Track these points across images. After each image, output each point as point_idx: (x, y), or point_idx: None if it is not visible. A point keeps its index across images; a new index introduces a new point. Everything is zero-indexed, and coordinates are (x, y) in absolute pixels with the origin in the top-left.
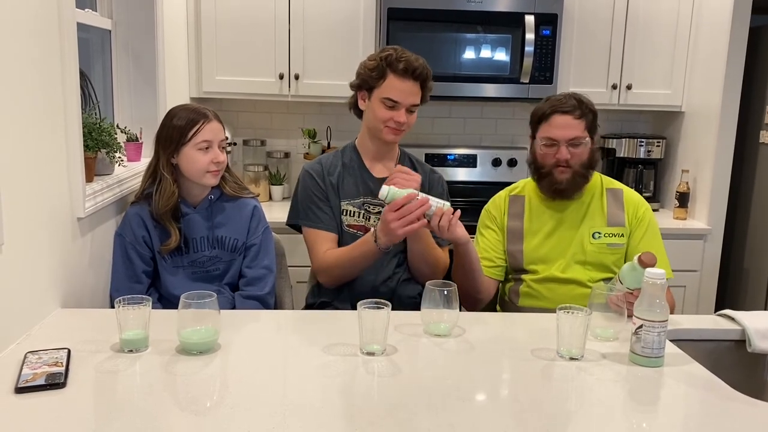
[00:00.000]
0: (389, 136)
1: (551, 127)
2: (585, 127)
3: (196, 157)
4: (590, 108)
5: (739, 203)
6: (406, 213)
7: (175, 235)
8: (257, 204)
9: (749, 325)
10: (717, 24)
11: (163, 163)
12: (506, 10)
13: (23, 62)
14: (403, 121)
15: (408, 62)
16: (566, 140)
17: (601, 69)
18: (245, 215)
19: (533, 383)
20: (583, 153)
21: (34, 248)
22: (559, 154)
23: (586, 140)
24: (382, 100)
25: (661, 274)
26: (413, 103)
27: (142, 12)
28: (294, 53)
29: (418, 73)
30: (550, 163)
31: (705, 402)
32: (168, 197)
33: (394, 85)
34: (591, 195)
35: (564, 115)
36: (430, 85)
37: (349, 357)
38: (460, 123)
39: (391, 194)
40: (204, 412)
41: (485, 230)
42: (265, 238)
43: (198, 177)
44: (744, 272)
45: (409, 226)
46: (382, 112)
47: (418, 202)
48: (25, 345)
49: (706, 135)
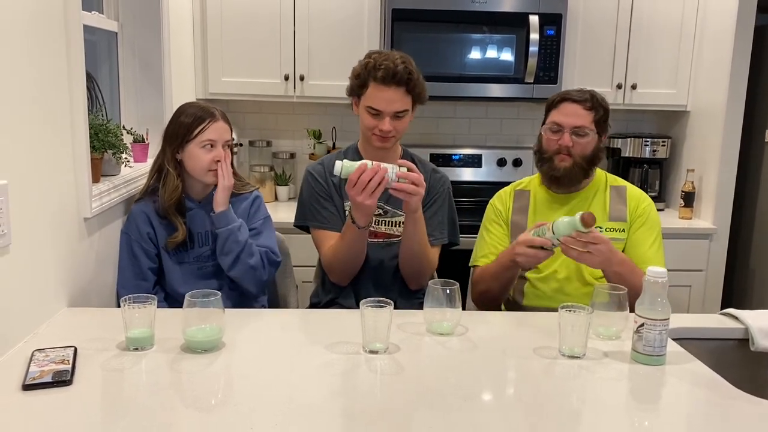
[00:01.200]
0: (377, 143)
1: (559, 113)
2: (593, 120)
3: (199, 155)
4: (602, 104)
5: (744, 203)
6: (363, 184)
7: (181, 228)
8: (259, 195)
9: (752, 323)
10: (722, 23)
11: (169, 157)
12: (510, 11)
13: (31, 65)
14: (388, 129)
15: (387, 69)
16: (571, 127)
17: (605, 69)
18: (245, 205)
19: (535, 382)
20: (587, 145)
21: (42, 248)
22: (562, 140)
23: (592, 132)
24: (366, 108)
25: (662, 272)
26: (397, 110)
27: (148, 14)
28: (299, 54)
29: (399, 78)
30: (552, 148)
31: (707, 400)
32: (172, 191)
33: (375, 93)
34: (594, 191)
35: (574, 103)
36: (419, 86)
37: (352, 355)
38: (465, 123)
39: (345, 169)
40: (208, 409)
41: (491, 225)
42: (265, 225)
43: (200, 175)
44: (750, 272)
45: (372, 193)
46: (367, 120)
47: (371, 170)
48: (32, 343)
49: (711, 134)
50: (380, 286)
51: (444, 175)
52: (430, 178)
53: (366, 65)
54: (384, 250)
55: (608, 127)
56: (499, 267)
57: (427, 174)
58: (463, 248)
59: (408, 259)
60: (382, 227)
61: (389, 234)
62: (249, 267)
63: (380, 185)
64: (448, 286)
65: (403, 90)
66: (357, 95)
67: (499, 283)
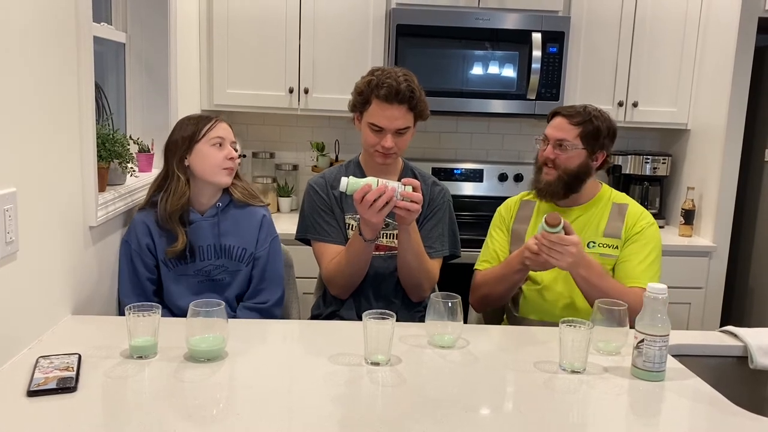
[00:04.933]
0: (379, 159)
1: (549, 126)
2: (578, 134)
3: (211, 153)
4: (596, 120)
5: (744, 221)
6: (368, 203)
7: (182, 238)
8: (266, 213)
9: (752, 341)
10: (723, 43)
11: (176, 163)
12: (514, 28)
13: (41, 75)
14: (390, 146)
15: (390, 87)
16: (554, 140)
17: (607, 86)
18: (254, 225)
19: (536, 396)
20: (570, 159)
21: (48, 255)
22: (545, 152)
23: (575, 147)
24: (368, 124)
25: (662, 289)
26: (399, 127)
27: (156, 26)
28: (304, 67)
29: (402, 97)
30: (540, 161)
31: (706, 417)
32: (179, 197)
33: (377, 111)
34: (596, 206)
35: (562, 117)
36: (421, 103)
37: (353, 367)
38: (466, 138)
39: (350, 186)
40: (211, 418)
41: (495, 231)
42: (272, 249)
43: (212, 174)
44: (749, 290)
45: (379, 212)
46: (369, 137)
47: (376, 191)
48: (37, 350)
49: (711, 153)
50: (382, 299)
51: (444, 187)
52: (431, 190)
53: (369, 82)
54: (386, 262)
55: (605, 143)
56: (507, 269)
57: (428, 187)
58: (465, 261)
59: (406, 271)
60: (384, 240)
61: (391, 247)
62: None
63: (387, 205)
64: (449, 299)
65: (405, 108)
66: (359, 111)
67: (504, 286)
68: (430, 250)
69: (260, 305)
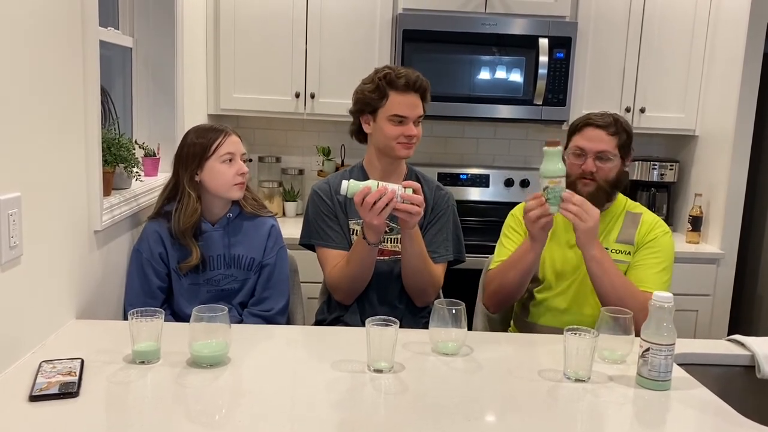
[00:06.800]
0: (402, 151)
1: (582, 137)
2: (616, 145)
3: (222, 170)
4: (625, 128)
5: (752, 228)
6: (368, 206)
7: (195, 252)
8: (275, 223)
9: (759, 350)
10: (731, 48)
11: (186, 180)
12: (521, 33)
13: (47, 79)
14: (414, 133)
15: (407, 77)
16: (594, 152)
17: (614, 92)
18: (262, 234)
19: (540, 404)
20: (611, 170)
21: (52, 260)
22: (585, 165)
23: (616, 157)
24: (389, 118)
25: (668, 297)
26: (419, 114)
27: (163, 31)
28: (310, 72)
29: (418, 86)
30: (575, 173)
31: (712, 427)
32: (191, 214)
33: (398, 101)
34: (611, 215)
35: (597, 128)
36: (429, 95)
37: (356, 374)
38: (473, 143)
39: (350, 189)
40: (213, 424)
41: (509, 231)
42: (279, 258)
43: (224, 190)
44: (757, 297)
45: (379, 214)
46: (391, 130)
47: (376, 193)
48: (40, 354)
49: (719, 159)
50: (386, 304)
51: (448, 192)
52: (435, 194)
53: (384, 77)
54: (390, 267)
55: (632, 150)
56: (518, 252)
57: (432, 191)
58: (470, 267)
59: (410, 275)
60: (388, 245)
61: (395, 251)
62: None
63: (387, 206)
64: (453, 306)
65: (419, 97)
66: (373, 109)
67: (516, 271)
68: (434, 254)
69: (265, 312)
